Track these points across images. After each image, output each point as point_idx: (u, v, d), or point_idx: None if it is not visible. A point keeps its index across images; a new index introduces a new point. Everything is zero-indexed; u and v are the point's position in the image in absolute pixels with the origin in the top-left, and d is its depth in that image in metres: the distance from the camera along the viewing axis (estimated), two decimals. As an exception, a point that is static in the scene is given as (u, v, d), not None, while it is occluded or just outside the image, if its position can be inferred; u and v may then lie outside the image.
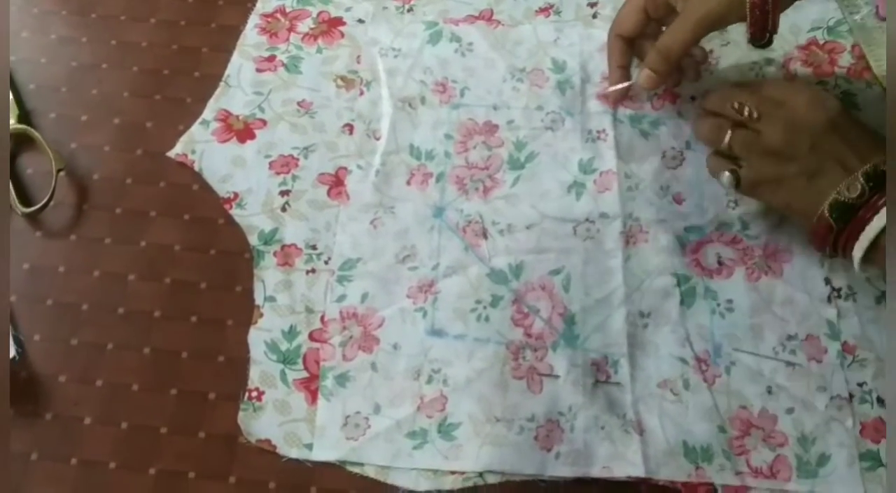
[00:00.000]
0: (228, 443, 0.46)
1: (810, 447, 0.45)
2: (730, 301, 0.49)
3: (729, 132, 0.48)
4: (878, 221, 0.42)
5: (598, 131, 0.54)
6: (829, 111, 0.46)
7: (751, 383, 0.47)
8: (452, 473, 0.45)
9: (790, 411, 0.46)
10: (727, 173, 0.47)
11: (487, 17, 0.59)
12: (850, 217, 0.43)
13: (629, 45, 0.53)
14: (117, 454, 0.46)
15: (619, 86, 0.53)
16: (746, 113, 0.47)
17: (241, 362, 0.48)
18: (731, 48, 0.58)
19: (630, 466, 0.45)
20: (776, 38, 0.58)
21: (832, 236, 0.44)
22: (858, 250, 0.43)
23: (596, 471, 0.45)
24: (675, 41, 0.48)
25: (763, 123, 0.47)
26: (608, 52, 0.54)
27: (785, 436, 0.46)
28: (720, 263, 0.50)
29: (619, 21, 0.52)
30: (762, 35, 0.47)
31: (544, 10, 0.60)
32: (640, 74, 0.51)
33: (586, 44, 0.58)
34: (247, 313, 0.49)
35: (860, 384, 0.47)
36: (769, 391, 0.47)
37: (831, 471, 0.45)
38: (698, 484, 0.44)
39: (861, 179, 0.43)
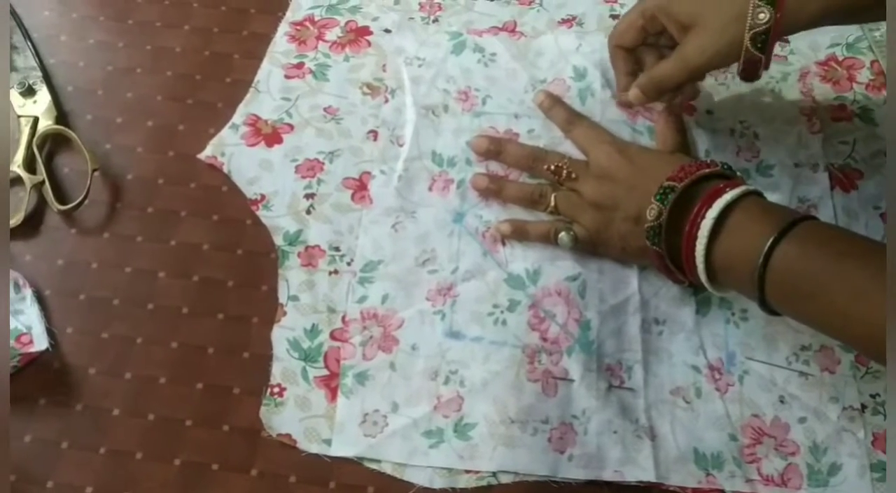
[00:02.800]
0: (251, 437, 0.47)
1: (822, 456, 0.46)
2: (745, 311, 0.50)
3: (553, 196, 0.51)
4: (701, 241, 0.44)
5: None
6: (622, 153, 0.49)
7: (763, 391, 0.47)
8: (467, 472, 0.46)
9: (802, 420, 0.47)
10: (564, 234, 0.49)
11: (511, 28, 0.60)
12: (661, 238, 0.45)
13: (630, 53, 0.53)
14: (144, 444, 0.47)
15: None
16: (565, 174, 0.50)
17: (265, 358, 0.49)
18: None
19: (641, 471, 0.45)
20: (795, 53, 0.59)
21: (669, 262, 0.46)
22: (701, 273, 0.45)
23: (607, 474, 0.45)
24: (669, 78, 0.50)
25: (579, 182, 0.50)
26: (611, 61, 0.54)
27: (797, 445, 0.46)
28: None
29: (619, 34, 0.53)
30: (752, 78, 0.48)
31: (567, 22, 0.61)
32: (630, 91, 0.52)
33: (607, 52, 0.59)
34: (272, 311, 0.50)
35: (873, 396, 0.47)
36: (782, 401, 0.47)
37: (842, 481, 0.45)
38: (709, 491, 0.45)
39: (654, 200, 0.45)
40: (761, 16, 0.45)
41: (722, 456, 0.46)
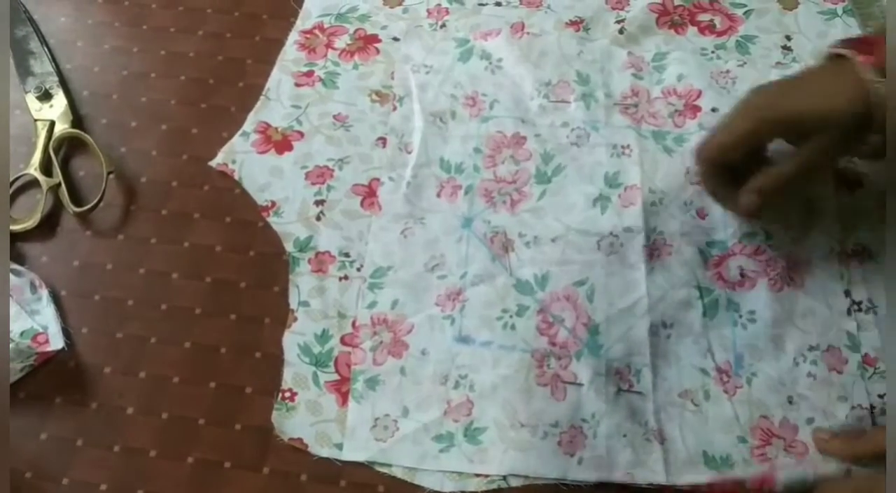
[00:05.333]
0: (263, 435, 0.47)
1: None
2: (752, 312, 0.50)
3: None
4: None
5: (622, 147, 0.55)
6: None
7: (772, 392, 0.48)
8: (477, 475, 0.46)
9: (810, 421, 0.47)
10: None
11: (519, 29, 0.61)
12: None
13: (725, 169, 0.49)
14: (157, 442, 0.47)
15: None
16: None
17: (277, 358, 0.49)
18: (747, 69, 0.59)
19: (651, 473, 0.45)
20: (797, 61, 0.59)
21: None
22: None
23: (618, 476, 0.45)
24: (786, 176, 0.47)
25: None
26: (706, 178, 0.50)
27: (805, 445, 0.46)
28: (742, 275, 0.51)
29: (722, 148, 0.48)
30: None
31: (574, 24, 0.61)
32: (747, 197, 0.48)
33: (607, 62, 0.59)
34: (284, 312, 0.51)
35: (881, 396, 0.47)
36: (790, 401, 0.47)
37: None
38: (721, 484, 0.45)
39: None
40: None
41: (731, 458, 0.46)
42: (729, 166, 0.49)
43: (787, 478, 0.45)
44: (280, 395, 0.48)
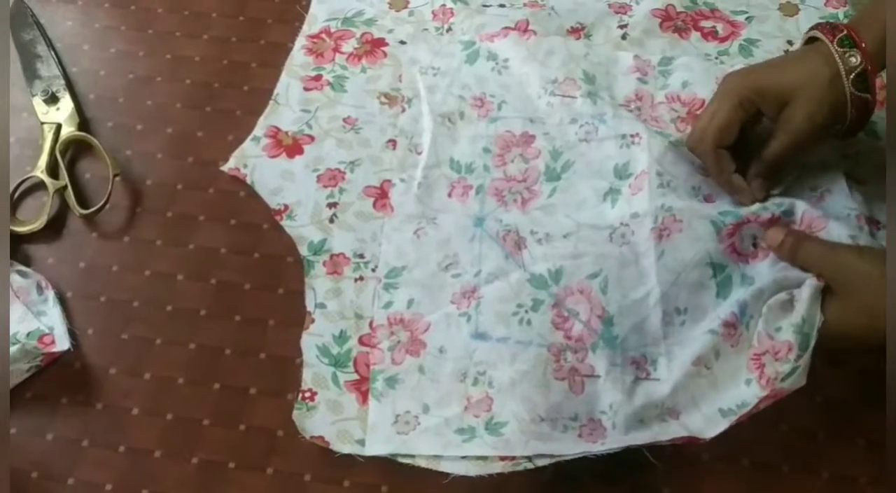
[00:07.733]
0: (267, 436, 0.47)
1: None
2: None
3: None
4: None
5: (631, 136, 0.55)
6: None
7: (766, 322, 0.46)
8: (502, 459, 0.45)
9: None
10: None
11: (523, 28, 0.61)
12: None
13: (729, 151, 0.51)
14: (162, 443, 0.47)
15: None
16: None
17: (281, 359, 0.49)
18: None
19: (673, 434, 0.45)
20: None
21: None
22: None
23: (642, 441, 0.45)
24: (781, 155, 0.50)
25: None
26: (713, 165, 0.51)
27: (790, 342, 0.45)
28: (755, 245, 0.49)
29: (718, 134, 0.50)
30: (862, 126, 0.49)
31: (576, 31, 0.62)
32: (753, 185, 0.51)
33: (612, 66, 0.59)
34: (288, 313, 0.51)
35: None
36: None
37: None
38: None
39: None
40: (852, 59, 0.46)
41: (746, 403, 0.45)
42: (728, 149, 0.51)
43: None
44: (300, 395, 0.48)
